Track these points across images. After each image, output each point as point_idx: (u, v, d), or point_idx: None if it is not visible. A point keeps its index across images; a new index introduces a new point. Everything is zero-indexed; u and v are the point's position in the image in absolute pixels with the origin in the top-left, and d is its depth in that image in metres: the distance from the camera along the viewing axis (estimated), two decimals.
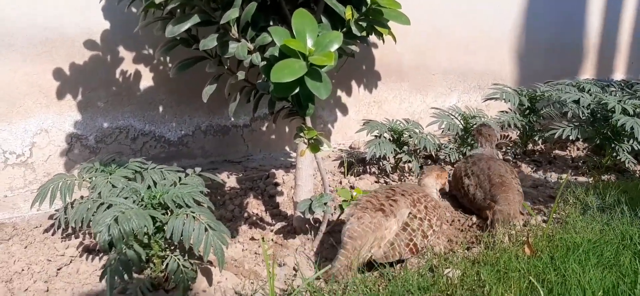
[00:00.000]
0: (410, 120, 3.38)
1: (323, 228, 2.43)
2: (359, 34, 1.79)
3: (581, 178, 3.31)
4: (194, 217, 1.78)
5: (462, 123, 3.44)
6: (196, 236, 1.75)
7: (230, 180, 3.15)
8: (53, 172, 2.88)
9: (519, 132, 3.88)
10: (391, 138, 3.28)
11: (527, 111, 3.71)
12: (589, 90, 3.64)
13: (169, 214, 1.87)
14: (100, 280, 1.73)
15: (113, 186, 2.10)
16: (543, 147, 3.93)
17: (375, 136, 3.23)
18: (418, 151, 3.41)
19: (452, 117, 3.45)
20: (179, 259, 1.88)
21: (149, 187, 2.02)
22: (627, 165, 3.16)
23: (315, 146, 2.02)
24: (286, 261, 2.34)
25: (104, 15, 2.89)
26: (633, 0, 5.49)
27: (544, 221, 2.43)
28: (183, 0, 1.82)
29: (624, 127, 2.98)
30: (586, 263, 1.69)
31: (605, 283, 1.54)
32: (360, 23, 1.79)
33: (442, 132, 3.42)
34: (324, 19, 1.82)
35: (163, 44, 2.13)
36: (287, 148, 3.77)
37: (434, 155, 3.39)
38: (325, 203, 2.24)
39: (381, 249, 2.11)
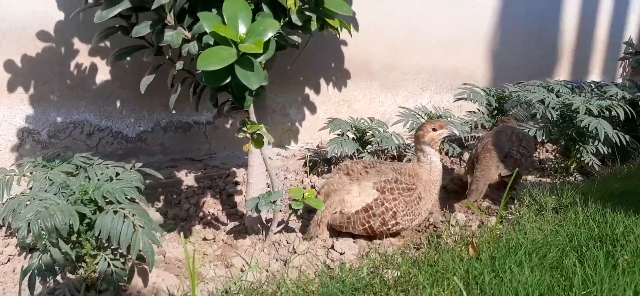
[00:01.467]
0: (375, 119, 3.32)
1: (274, 227, 2.36)
2: (299, 23, 1.72)
3: (546, 180, 3.27)
4: (124, 214, 1.71)
5: None
6: (124, 234, 1.67)
7: (188, 179, 3.07)
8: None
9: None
10: (355, 137, 3.22)
11: (496, 112, 3.66)
12: (558, 91, 3.61)
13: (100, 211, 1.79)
14: (21, 280, 1.65)
15: (51, 181, 2.02)
16: None
17: (338, 134, 3.17)
18: (384, 151, 3.36)
19: (419, 116, 3.40)
20: (109, 258, 1.80)
21: (84, 182, 1.93)
22: (590, 167, 3.13)
23: (259, 141, 1.95)
24: (234, 262, 2.27)
25: (58, 5, 2.79)
26: (609, 3, 5.48)
27: (501, 221, 2.39)
28: None
29: (588, 128, 2.94)
30: (527, 264, 1.64)
31: (542, 285, 1.48)
32: (304, 12, 1.72)
33: (409, 131, 3.36)
34: (265, 8, 1.75)
35: (100, 31, 2.05)
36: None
37: (396, 154, 3.33)
38: (273, 202, 2.17)
39: (338, 217, 2.32)
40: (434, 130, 2.31)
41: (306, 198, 2.23)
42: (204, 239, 2.56)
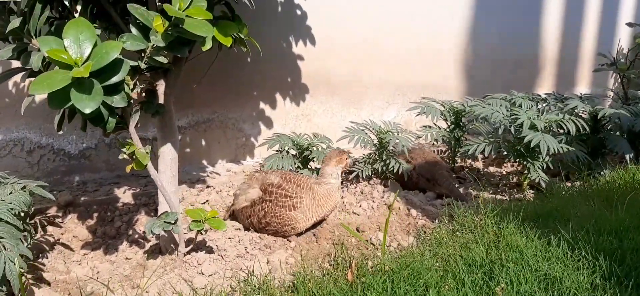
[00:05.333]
0: (319, 134, 3.26)
1: (181, 248, 2.33)
2: (162, 44, 1.69)
3: (500, 197, 3.14)
4: None
5: (377, 138, 3.29)
6: None
7: (125, 196, 3.07)
8: None
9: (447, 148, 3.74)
10: (296, 154, 3.17)
11: (453, 126, 3.55)
12: (520, 104, 3.47)
13: None
14: None
15: None
16: (473, 164, 3.77)
17: (277, 150, 3.12)
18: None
19: (366, 131, 3.31)
20: None
21: None
22: (538, 183, 2.99)
23: (139, 162, 1.92)
24: (138, 283, 2.24)
25: None
26: (595, 15, 5.29)
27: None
28: None
29: (530, 144, 2.82)
30: (393, 291, 1.55)
31: None
32: (168, 33, 1.70)
33: (354, 146, 3.27)
34: (133, 30, 1.73)
35: None
36: (205, 162, 3.68)
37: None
38: (172, 222, 2.13)
39: (241, 209, 2.61)
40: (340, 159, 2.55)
41: (207, 219, 2.18)
42: (126, 259, 2.54)
